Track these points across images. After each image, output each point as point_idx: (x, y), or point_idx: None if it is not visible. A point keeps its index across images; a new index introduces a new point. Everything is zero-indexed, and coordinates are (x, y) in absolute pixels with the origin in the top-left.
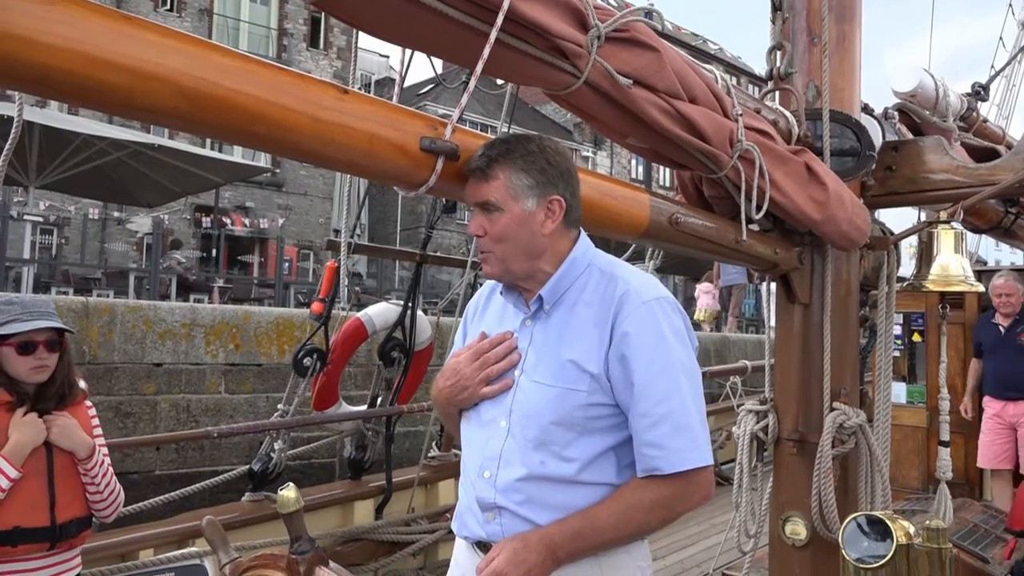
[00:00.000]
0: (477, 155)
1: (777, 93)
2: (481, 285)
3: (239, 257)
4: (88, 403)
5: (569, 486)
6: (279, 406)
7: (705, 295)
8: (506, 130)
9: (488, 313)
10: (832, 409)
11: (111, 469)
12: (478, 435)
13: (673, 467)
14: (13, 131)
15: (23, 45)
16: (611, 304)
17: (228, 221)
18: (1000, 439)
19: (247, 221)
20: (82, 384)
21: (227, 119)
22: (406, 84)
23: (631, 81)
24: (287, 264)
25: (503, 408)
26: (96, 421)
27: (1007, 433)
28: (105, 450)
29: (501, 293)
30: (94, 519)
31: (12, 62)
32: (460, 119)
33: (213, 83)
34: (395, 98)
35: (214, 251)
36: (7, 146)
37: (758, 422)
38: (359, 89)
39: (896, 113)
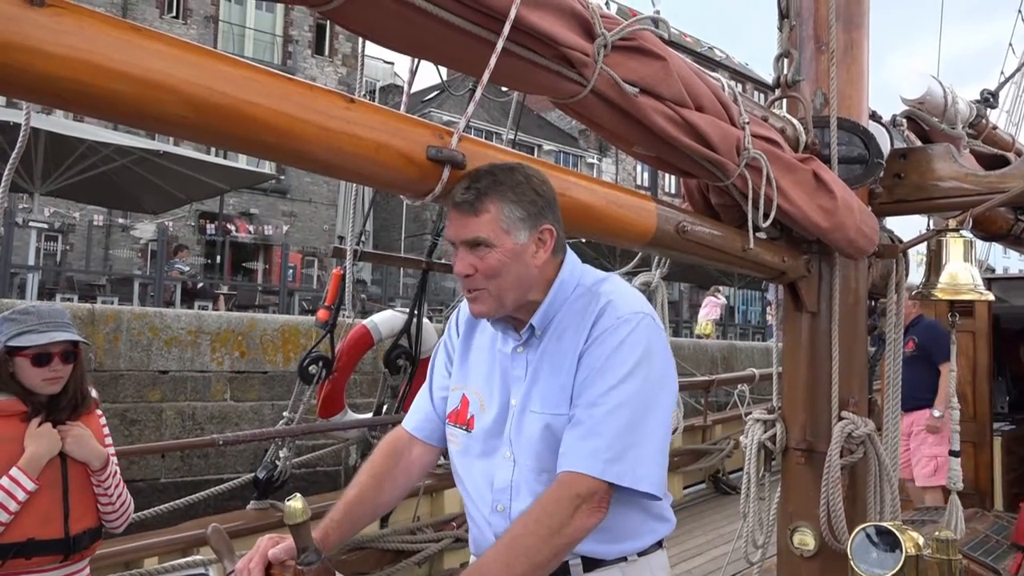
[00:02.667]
0: (462, 188)
1: (784, 101)
2: None
3: (243, 264)
4: (99, 412)
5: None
6: (284, 414)
7: (705, 308)
8: (512, 137)
9: (477, 337)
10: (840, 418)
11: (122, 479)
12: (480, 467)
13: (571, 467)
14: (20, 140)
15: (34, 57)
16: (589, 318)
17: (232, 228)
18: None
19: (251, 228)
20: (93, 393)
21: (235, 129)
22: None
23: (637, 89)
24: (291, 271)
25: (504, 438)
26: (107, 431)
27: (904, 443)
28: (115, 459)
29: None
30: (104, 529)
31: (23, 73)
32: (466, 127)
33: (220, 93)
34: (402, 107)
35: (219, 258)
36: (14, 154)
37: (766, 431)
38: (364, 96)
39: (904, 120)
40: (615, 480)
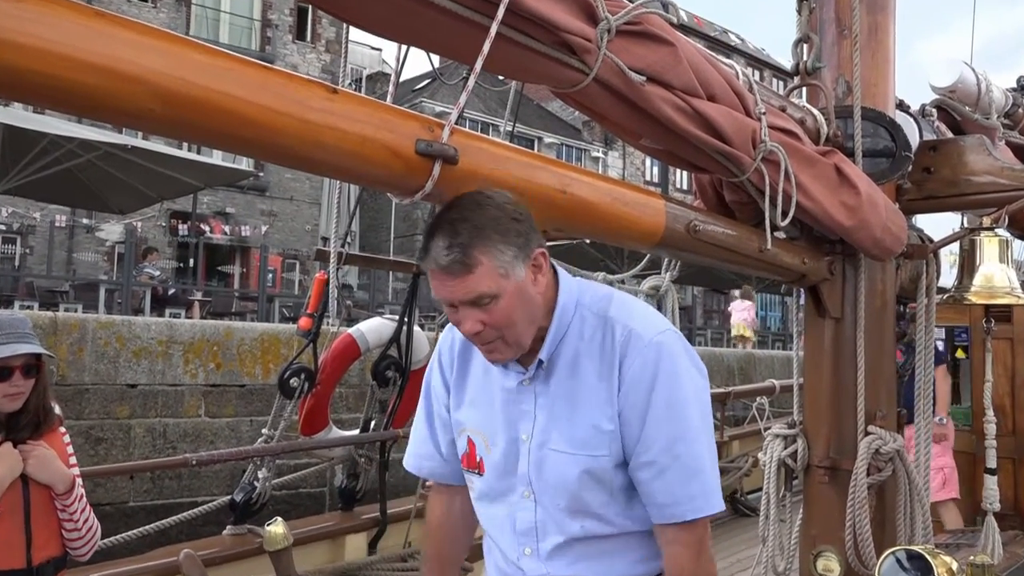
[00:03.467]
0: (442, 249)
1: (804, 89)
2: None
3: (219, 267)
4: (63, 430)
5: (615, 538)
6: (264, 431)
7: (739, 312)
8: (510, 130)
9: (472, 372)
10: (867, 433)
11: (88, 503)
12: (500, 509)
13: (684, 516)
14: None
15: None
16: (613, 351)
17: (207, 228)
18: None
19: (227, 228)
20: (56, 410)
21: (208, 122)
22: (400, 79)
23: (644, 77)
24: (271, 275)
25: (519, 477)
26: (71, 450)
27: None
28: (80, 481)
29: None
30: (68, 557)
31: None
32: (459, 119)
33: (192, 83)
34: (389, 97)
35: (192, 261)
36: None
37: (786, 447)
38: (349, 86)
39: (934, 110)
40: (719, 509)
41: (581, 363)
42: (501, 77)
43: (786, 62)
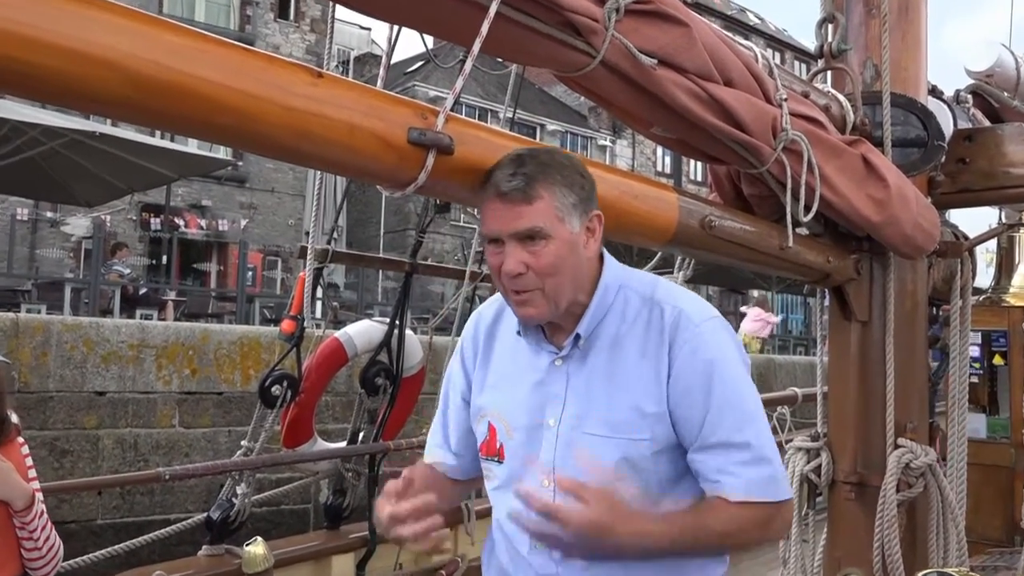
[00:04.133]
0: (506, 174)
1: (829, 73)
2: (481, 299)
3: (194, 265)
4: (21, 440)
5: None
6: (243, 442)
7: (751, 321)
8: (510, 116)
9: (496, 352)
10: (897, 446)
11: (49, 520)
12: (516, 499)
13: (753, 495)
14: None
15: None
16: (662, 332)
17: (181, 223)
18: None
19: (203, 223)
20: (14, 419)
21: (182, 108)
22: (391, 61)
23: (655, 60)
24: (251, 273)
25: (540, 465)
26: (30, 462)
27: None
28: (40, 496)
29: (519, 333)
30: None
31: None
32: (455, 105)
33: (165, 67)
34: (379, 82)
35: (164, 258)
36: None
37: (809, 461)
38: (336, 69)
39: (969, 96)
40: (789, 496)
41: (623, 343)
42: (500, 60)
43: (809, 44)
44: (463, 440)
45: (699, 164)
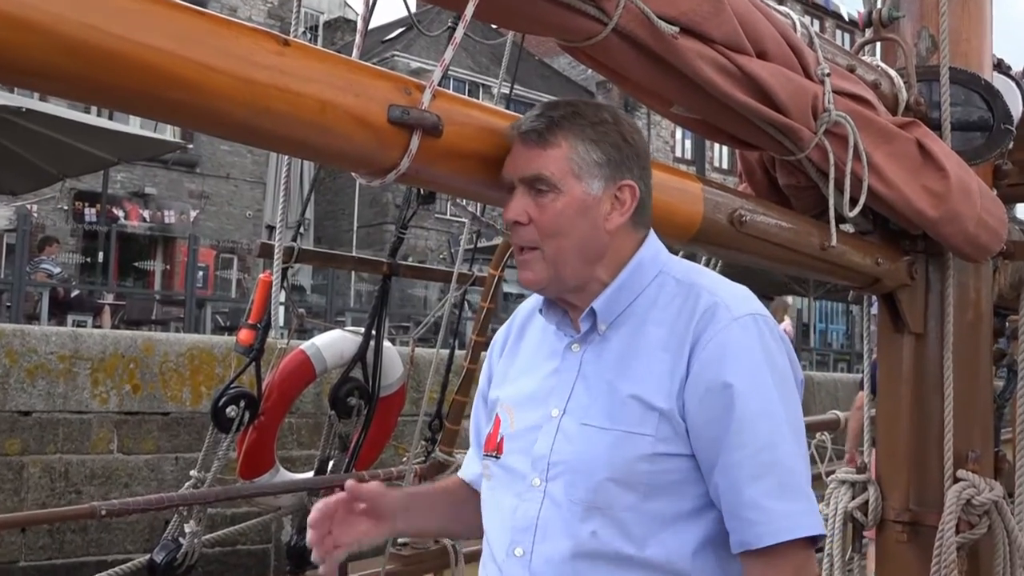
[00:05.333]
0: (533, 115)
1: (878, 45)
2: (471, 305)
3: (136, 263)
4: None
5: (630, 567)
6: (192, 472)
7: None
8: (506, 92)
9: (525, 342)
10: (957, 480)
11: None
12: (505, 498)
13: (778, 536)
14: None
15: None
16: (691, 320)
17: (121, 214)
18: None
19: (147, 214)
20: None
21: (127, 82)
22: (368, 27)
23: (677, 28)
24: (202, 273)
25: (535, 458)
26: None
27: None
28: None
29: (541, 311)
30: None
31: None
32: (443, 79)
33: (107, 33)
34: (355, 51)
35: (101, 255)
36: None
37: (854, 497)
38: (303, 36)
39: None
40: (820, 531)
41: (647, 328)
42: (495, 27)
43: (855, 10)
44: None
45: (725, 149)
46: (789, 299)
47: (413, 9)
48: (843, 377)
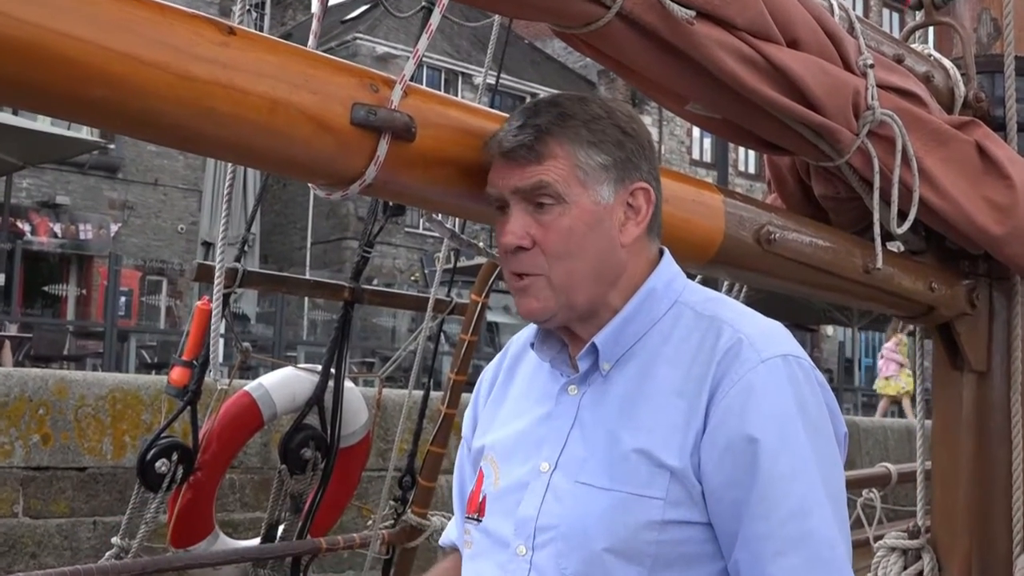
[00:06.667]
0: (513, 127)
1: (930, 31)
2: (448, 338)
3: (45, 287)
4: None
5: None
6: (114, 539)
7: (892, 362)
8: (492, 83)
9: (517, 381)
10: None
11: None
12: (486, 569)
13: None
14: None
15: None
16: (710, 361)
17: (26, 228)
18: None
19: (58, 228)
20: None
21: (39, 77)
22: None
23: (693, 13)
24: (124, 299)
25: (520, 522)
26: None
27: None
28: None
29: (532, 345)
30: None
31: None
32: (415, 72)
33: (18, 20)
34: (312, 39)
35: (3, 277)
36: None
37: (906, 567)
38: (249, 15)
39: None
40: None
41: (658, 370)
42: (480, 8)
43: None
44: None
45: (751, 152)
46: (830, 330)
47: None
48: (893, 423)
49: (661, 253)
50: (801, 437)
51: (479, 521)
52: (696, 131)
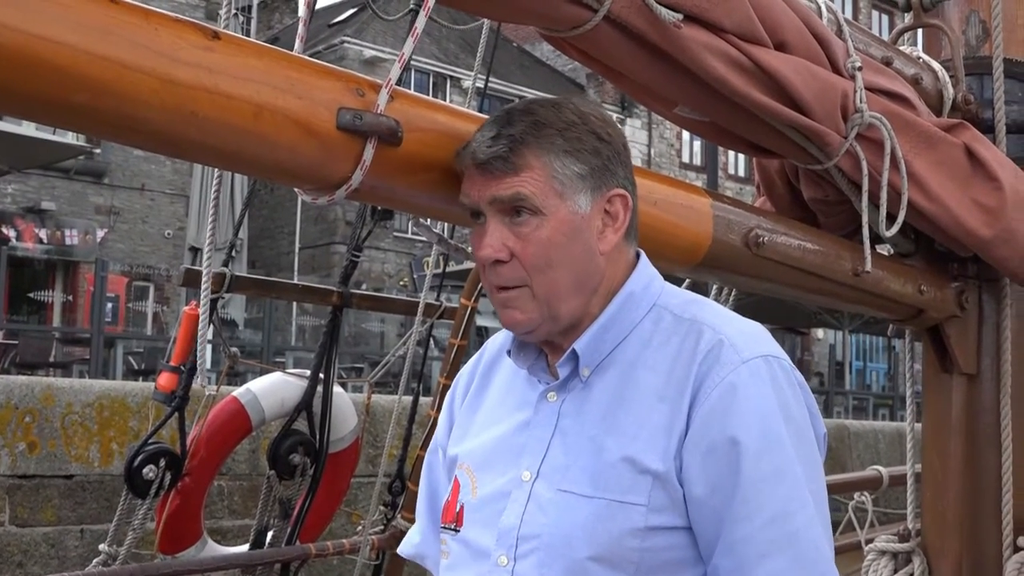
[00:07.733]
0: (487, 137)
1: (919, 33)
2: (438, 343)
3: (30, 294)
4: None
5: None
6: (102, 547)
7: None
8: (480, 86)
9: (493, 387)
10: (1017, 548)
11: None
12: None
13: None
14: None
15: None
16: (691, 364)
17: (12, 233)
18: None
19: (44, 234)
20: None
21: (24, 82)
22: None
23: (680, 16)
24: (111, 305)
25: (502, 532)
26: None
27: None
28: None
29: (509, 352)
30: None
31: None
32: (402, 75)
33: (1, 25)
34: (298, 43)
35: None
36: None
37: (897, 570)
38: (235, 19)
39: None
40: None
41: (638, 374)
42: (466, 12)
43: None
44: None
45: (741, 155)
46: (820, 333)
47: None
48: (884, 426)
49: (638, 256)
50: (784, 438)
51: (457, 531)
52: (686, 134)
